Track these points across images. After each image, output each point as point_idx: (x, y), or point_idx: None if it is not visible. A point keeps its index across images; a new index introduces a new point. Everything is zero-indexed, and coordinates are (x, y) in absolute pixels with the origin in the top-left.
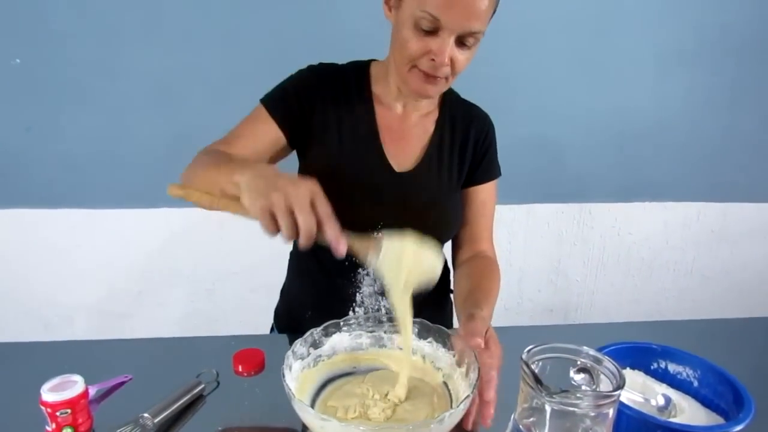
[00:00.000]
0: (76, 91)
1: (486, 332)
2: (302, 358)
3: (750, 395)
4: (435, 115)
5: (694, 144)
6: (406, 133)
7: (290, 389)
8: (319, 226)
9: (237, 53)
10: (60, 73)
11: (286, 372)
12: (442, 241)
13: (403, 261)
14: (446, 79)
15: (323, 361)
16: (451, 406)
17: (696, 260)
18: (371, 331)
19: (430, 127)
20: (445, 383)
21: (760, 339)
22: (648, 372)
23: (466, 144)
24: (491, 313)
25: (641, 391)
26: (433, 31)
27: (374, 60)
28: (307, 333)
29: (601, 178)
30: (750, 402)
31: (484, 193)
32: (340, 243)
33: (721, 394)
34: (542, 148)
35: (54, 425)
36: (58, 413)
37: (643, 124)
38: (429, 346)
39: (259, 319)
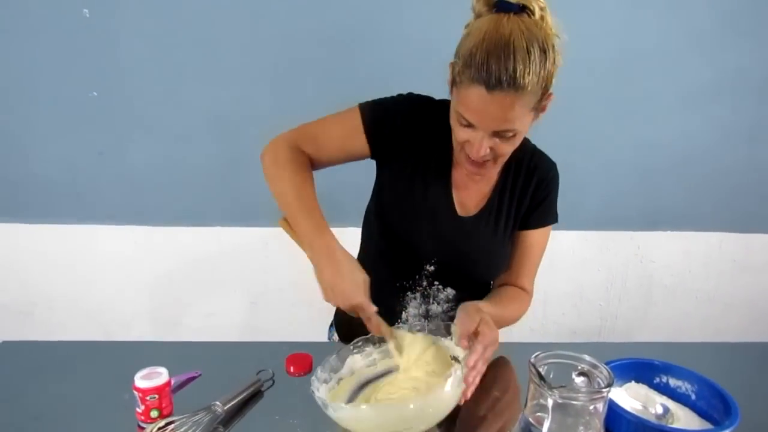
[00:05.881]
0: (142, 121)
1: (480, 322)
2: (326, 382)
3: (737, 406)
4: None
5: (715, 176)
6: (473, 180)
7: (321, 398)
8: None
9: (284, 88)
10: (129, 105)
11: (315, 392)
12: (490, 279)
13: None
14: (494, 161)
15: (344, 379)
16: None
17: (718, 288)
18: (379, 346)
19: (494, 175)
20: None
21: (756, 360)
22: (651, 385)
23: (527, 189)
24: (494, 311)
25: (643, 401)
26: (471, 125)
27: None
28: (324, 360)
29: (624, 207)
30: (737, 411)
31: (533, 237)
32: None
33: (714, 406)
34: (567, 178)
35: (143, 407)
36: (147, 398)
37: (665, 157)
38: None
39: (300, 331)
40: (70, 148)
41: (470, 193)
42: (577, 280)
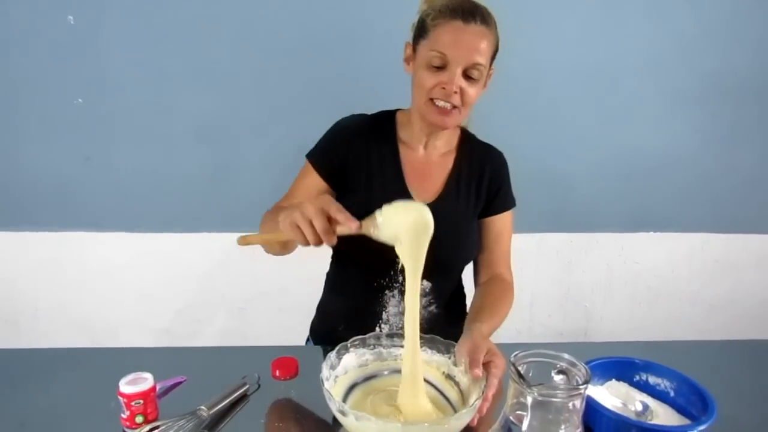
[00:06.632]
0: (129, 127)
1: (488, 351)
2: (327, 380)
3: (714, 402)
4: (453, 154)
5: (697, 178)
6: (427, 170)
7: (341, 404)
8: (335, 222)
9: (271, 96)
10: (116, 110)
11: (329, 390)
12: (459, 266)
13: (395, 222)
14: (458, 110)
15: (338, 378)
16: (462, 404)
17: (701, 289)
18: (372, 348)
19: (449, 164)
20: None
21: (735, 357)
22: (631, 383)
23: (482, 179)
24: (492, 328)
25: (623, 399)
26: (443, 67)
27: (400, 109)
28: (326, 357)
29: (608, 209)
30: (713, 407)
31: (500, 222)
32: (352, 223)
33: (693, 403)
34: (553, 181)
35: (129, 413)
36: (133, 403)
37: (647, 160)
38: (439, 356)
39: (288, 337)
40: (56, 155)
41: (426, 183)
42: (563, 282)
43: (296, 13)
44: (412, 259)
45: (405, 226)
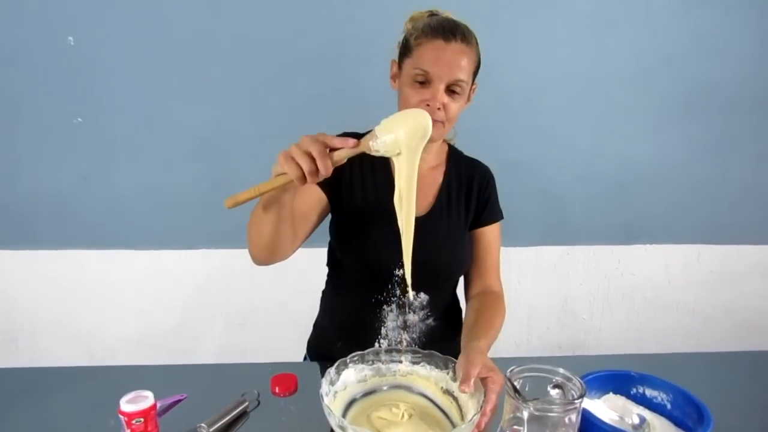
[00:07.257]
0: (126, 146)
1: (486, 367)
2: (327, 395)
3: (711, 414)
4: (443, 168)
5: (690, 190)
6: (418, 184)
7: (341, 419)
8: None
9: (268, 112)
10: (113, 130)
11: (328, 406)
12: (454, 276)
13: (395, 129)
14: (443, 123)
15: (338, 393)
16: (461, 419)
17: (698, 300)
18: (371, 364)
19: (439, 178)
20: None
21: (731, 368)
22: (629, 396)
23: (471, 191)
24: (489, 343)
25: (621, 412)
26: (426, 83)
27: None
28: (326, 373)
29: (604, 222)
30: (709, 419)
31: (489, 234)
32: (348, 141)
33: (689, 414)
34: (549, 195)
35: (129, 431)
36: (133, 421)
37: (641, 172)
38: (437, 372)
39: (287, 352)
40: (55, 174)
41: (417, 196)
42: (561, 295)
43: (292, 33)
44: (410, 167)
45: (405, 130)
